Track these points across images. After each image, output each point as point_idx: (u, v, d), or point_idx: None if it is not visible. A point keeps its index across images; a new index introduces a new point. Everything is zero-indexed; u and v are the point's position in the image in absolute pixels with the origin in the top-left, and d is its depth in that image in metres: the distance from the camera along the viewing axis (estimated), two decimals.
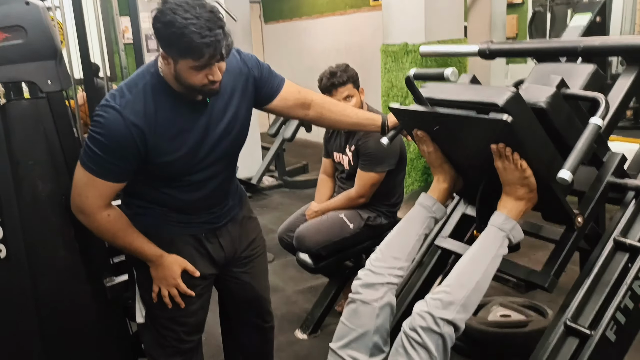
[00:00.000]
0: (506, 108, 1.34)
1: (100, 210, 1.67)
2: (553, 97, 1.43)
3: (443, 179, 1.74)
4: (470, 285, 1.46)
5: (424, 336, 1.41)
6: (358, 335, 1.60)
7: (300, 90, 1.96)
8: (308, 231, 2.80)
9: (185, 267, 1.83)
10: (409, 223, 1.73)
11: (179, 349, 1.94)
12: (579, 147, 1.29)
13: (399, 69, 4.42)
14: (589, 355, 1.38)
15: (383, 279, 1.64)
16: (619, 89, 1.62)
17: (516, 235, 1.53)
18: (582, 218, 1.51)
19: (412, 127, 1.71)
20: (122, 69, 4.88)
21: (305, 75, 8.48)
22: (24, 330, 1.79)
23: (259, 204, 5.49)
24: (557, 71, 1.62)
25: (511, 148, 1.43)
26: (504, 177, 1.50)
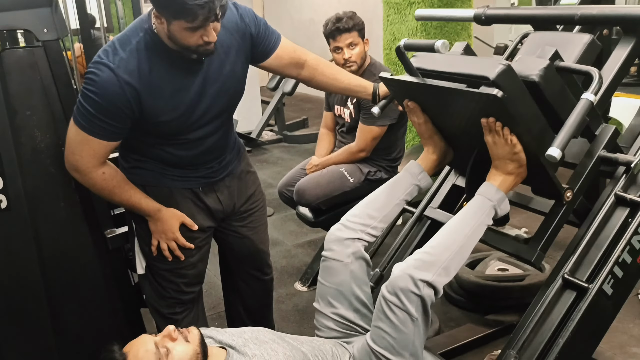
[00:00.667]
0: (497, 82, 1.32)
1: (95, 169, 1.66)
2: (546, 69, 1.40)
3: (432, 150, 1.72)
4: (454, 248, 1.44)
5: (403, 299, 1.38)
6: (337, 293, 1.61)
7: (296, 49, 1.93)
8: (308, 185, 2.80)
9: (183, 221, 1.83)
10: (392, 186, 1.72)
11: (179, 299, 1.97)
12: (569, 123, 1.27)
13: (402, 22, 4.33)
14: (586, 307, 1.41)
15: (354, 234, 1.64)
16: (615, 61, 1.59)
17: (503, 207, 1.51)
18: (571, 193, 1.50)
19: (403, 97, 1.68)
20: (119, 19, 4.79)
21: (305, 26, 8.35)
22: (27, 279, 1.80)
23: (259, 159, 5.49)
24: (553, 41, 1.58)
25: (501, 122, 1.41)
26: (494, 151, 1.48)
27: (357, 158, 2.83)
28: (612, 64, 1.59)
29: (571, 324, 1.40)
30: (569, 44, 1.56)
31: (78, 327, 1.93)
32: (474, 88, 1.38)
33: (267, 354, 1.39)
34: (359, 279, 1.62)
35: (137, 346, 1.33)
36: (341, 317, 1.61)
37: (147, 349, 1.32)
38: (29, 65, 1.72)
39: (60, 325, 1.88)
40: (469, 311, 2.61)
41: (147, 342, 1.33)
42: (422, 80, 1.54)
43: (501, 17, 1.79)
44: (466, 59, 1.57)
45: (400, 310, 1.38)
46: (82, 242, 1.89)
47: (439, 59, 1.54)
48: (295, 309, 2.82)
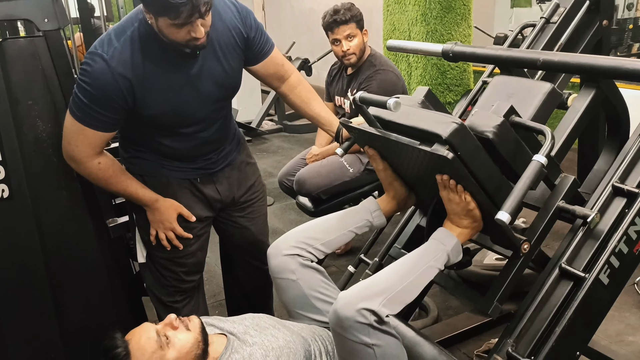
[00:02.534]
0: (450, 140, 1.31)
1: (90, 159, 1.67)
2: (500, 127, 1.39)
3: (393, 195, 1.71)
4: (402, 283, 1.39)
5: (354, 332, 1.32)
6: (300, 304, 1.62)
7: (284, 64, 1.94)
8: (308, 175, 2.82)
9: (180, 212, 1.85)
10: (344, 215, 1.70)
11: (179, 288, 1.98)
12: (519, 187, 1.25)
13: (402, 12, 4.32)
14: (582, 296, 1.42)
15: (293, 250, 1.62)
16: (573, 112, 1.60)
17: (455, 255, 1.49)
18: (528, 245, 1.49)
19: (364, 143, 1.69)
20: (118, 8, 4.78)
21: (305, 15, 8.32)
22: (29, 268, 1.82)
23: (259, 148, 5.49)
24: (516, 87, 1.59)
25: (455, 180, 1.41)
26: (449, 207, 1.47)
27: (357, 148, 2.84)
28: (570, 115, 1.60)
29: (568, 313, 1.42)
30: (530, 92, 1.56)
31: (80, 315, 1.95)
32: (429, 143, 1.37)
33: (268, 340, 1.41)
34: (313, 284, 1.61)
35: (139, 334, 1.35)
36: (317, 322, 1.62)
37: (149, 336, 1.34)
38: (30, 55, 1.73)
39: (63, 313, 1.90)
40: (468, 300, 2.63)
41: (149, 330, 1.35)
42: (380, 132, 1.54)
43: (467, 56, 1.81)
44: (422, 113, 1.54)
45: (354, 343, 1.32)
46: (84, 231, 1.90)
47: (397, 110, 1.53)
48: None
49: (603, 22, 1.92)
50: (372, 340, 1.31)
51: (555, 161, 1.53)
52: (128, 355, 1.32)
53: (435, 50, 1.85)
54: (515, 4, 6.55)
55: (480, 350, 2.17)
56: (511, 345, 1.45)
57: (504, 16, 6.27)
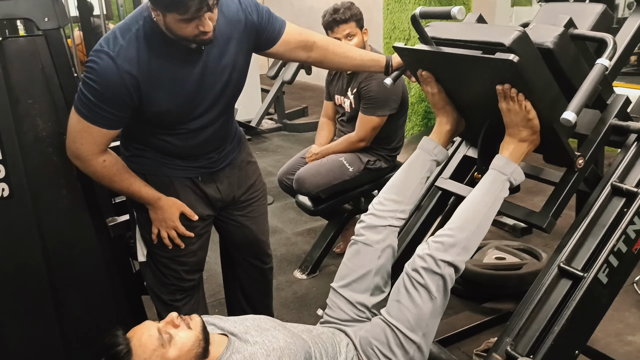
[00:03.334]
0: (513, 48, 1.33)
1: (95, 157, 1.67)
2: (560, 37, 1.41)
3: (446, 120, 1.74)
4: (472, 227, 1.49)
5: (425, 277, 1.46)
6: (359, 276, 1.65)
7: (302, 32, 1.91)
8: (308, 174, 2.82)
9: (182, 210, 1.85)
10: (410, 167, 1.74)
11: (179, 286, 1.99)
12: (585, 88, 1.29)
13: (402, 10, 4.32)
14: (581, 296, 1.42)
15: (385, 221, 1.67)
16: (627, 31, 1.60)
17: (517, 177, 1.54)
18: (583, 160, 1.52)
19: (417, 67, 1.69)
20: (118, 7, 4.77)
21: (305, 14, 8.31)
22: (29, 267, 1.82)
23: (259, 147, 5.49)
24: (566, 11, 1.59)
25: (516, 89, 1.42)
26: (508, 118, 1.49)
27: (356, 147, 2.85)
28: (624, 33, 1.60)
29: (567, 312, 1.42)
30: (581, 14, 1.57)
31: (80, 313, 1.95)
32: (489, 55, 1.39)
33: (269, 340, 1.41)
34: (383, 267, 1.66)
35: (141, 332, 1.35)
36: (355, 300, 1.64)
37: (151, 334, 1.34)
38: (31, 54, 1.73)
39: (63, 311, 1.90)
40: (467, 299, 2.64)
41: (151, 328, 1.35)
42: (437, 49, 1.54)
43: None
44: (480, 26, 1.57)
45: (422, 287, 1.46)
46: (83, 230, 1.90)
47: (452, 28, 1.55)
48: (294, 297, 2.84)
49: None
50: (437, 293, 1.46)
51: (609, 79, 1.53)
52: (130, 352, 1.32)
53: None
54: (515, 2, 6.54)
55: (480, 349, 2.18)
56: (510, 344, 1.45)
57: (505, 15, 6.26)
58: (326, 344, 1.52)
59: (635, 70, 4.87)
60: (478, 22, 1.69)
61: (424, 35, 1.56)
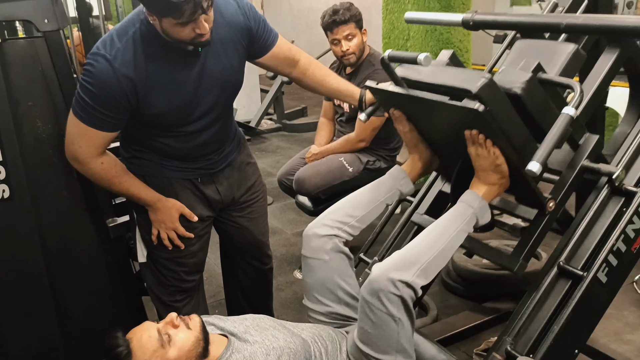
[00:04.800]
0: (479, 95, 1.32)
1: (93, 159, 1.68)
2: (528, 82, 1.40)
3: (418, 158, 1.73)
4: (433, 251, 1.42)
5: (384, 301, 1.37)
6: (322, 289, 1.63)
7: (291, 48, 1.94)
8: (307, 174, 2.82)
9: (182, 212, 1.85)
10: (374, 187, 1.72)
11: (180, 287, 1.99)
12: (549, 138, 1.27)
13: (401, 11, 4.32)
14: (581, 295, 1.43)
15: (331, 231, 1.63)
16: (598, 71, 1.60)
17: (484, 216, 1.51)
18: (553, 202, 1.51)
19: (389, 106, 1.69)
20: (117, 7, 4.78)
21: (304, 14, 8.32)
22: (30, 268, 1.82)
23: (258, 148, 5.50)
24: (538, 50, 1.59)
25: (484, 135, 1.42)
26: (477, 162, 1.48)
27: (356, 148, 2.85)
28: (595, 75, 1.60)
29: (566, 311, 1.43)
30: (554, 53, 1.57)
31: (81, 314, 1.95)
32: (457, 100, 1.38)
33: (268, 340, 1.42)
34: (342, 272, 1.63)
35: (141, 332, 1.36)
36: (331, 312, 1.63)
37: (150, 335, 1.34)
38: (30, 56, 1.73)
39: (64, 313, 1.91)
40: (467, 299, 2.64)
41: (150, 329, 1.36)
42: (407, 91, 1.54)
43: (488, 23, 1.80)
44: (450, 70, 1.56)
45: (382, 312, 1.37)
46: (84, 231, 1.91)
47: (423, 70, 1.53)
48: (294, 297, 2.84)
49: None
50: (399, 314, 1.37)
51: (580, 121, 1.53)
52: (130, 354, 1.32)
53: (454, 20, 1.84)
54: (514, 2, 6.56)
55: (480, 349, 2.18)
56: (510, 344, 1.46)
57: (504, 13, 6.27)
58: (326, 342, 1.52)
59: None
60: (450, 62, 1.67)
61: (394, 77, 1.57)
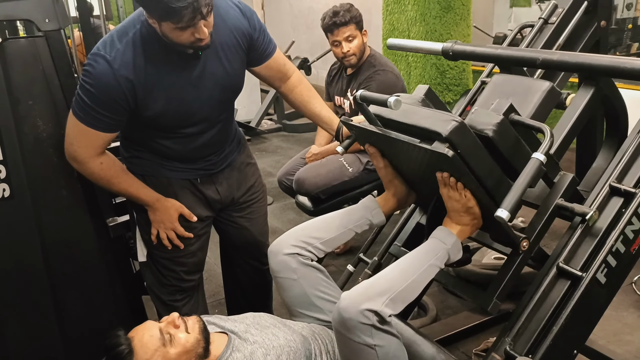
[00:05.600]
0: (450, 138, 1.32)
1: (92, 159, 1.68)
2: (499, 125, 1.40)
3: (393, 192, 1.72)
4: (404, 281, 1.39)
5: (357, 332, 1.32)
6: (300, 303, 1.63)
7: (286, 64, 1.96)
8: (307, 174, 2.82)
9: (181, 212, 1.86)
10: (344, 214, 1.71)
11: (179, 287, 1.99)
12: (519, 184, 1.27)
13: (401, 12, 4.33)
14: (579, 295, 1.43)
15: (293, 249, 1.63)
16: (572, 110, 1.61)
17: (455, 253, 1.50)
18: (527, 242, 1.50)
19: (364, 141, 1.69)
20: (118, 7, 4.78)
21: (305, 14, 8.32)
22: (30, 267, 1.83)
23: (258, 148, 5.50)
24: (515, 86, 1.60)
25: (455, 178, 1.42)
26: (449, 204, 1.48)
27: (356, 148, 2.85)
28: (570, 113, 1.61)
29: (565, 312, 1.43)
30: (528, 91, 1.58)
31: (80, 314, 1.96)
32: (429, 141, 1.38)
33: (268, 338, 1.42)
34: (315, 283, 1.62)
35: (142, 332, 1.36)
36: (317, 320, 1.63)
37: (152, 334, 1.35)
38: (31, 55, 1.73)
39: (63, 312, 1.91)
40: (466, 299, 2.64)
41: (152, 328, 1.36)
42: (380, 130, 1.55)
43: (467, 54, 1.82)
44: (422, 111, 1.54)
45: (357, 344, 1.32)
46: (84, 230, 1.91)
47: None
48: None
49: (601, 23, 1.94)
50: (375, 341, 1.32)
51: (554, 159, 1.54)
52: (131, 352, 1.32)
53: (435, 48, 1.86)
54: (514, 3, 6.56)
55: (479, 349, 2.18)
56: (509, 344, 1.46)
57: (503, 16, 6.28)
58: (326, 340, 1.52)
59: None
60: (426, 97, 1.66)
61: (368, 115, 1.57)
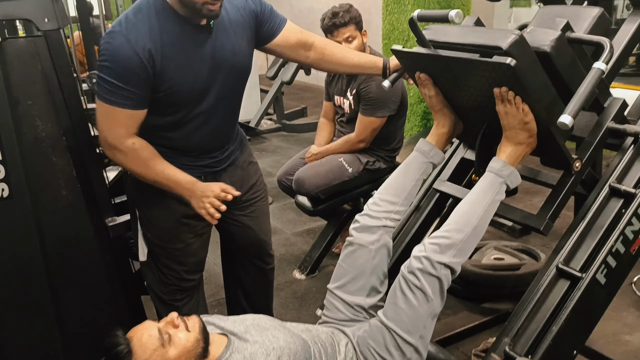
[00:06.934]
0: (510, 51, 1.33)
1: (124, 140, 1.67)
2: (557, 40, 1.41)
3: (443, 123, 1.74)
4: (468, 229, 1.49)
5: (421, 279, 1.46)
6: (354, 276, 1.65)
7: (302, 31, 1.94)
8: (307, 174, 2.82)
9: (222, 187, 1.77)
10: (406, 168, 1.75)
11: (180, 287, 1.99)
12: (581, 91, 1.29)
13: (401, 12, 4.33)
14: (579, 296, 1.43)
15: (379, 222, 1.68)
16: (624, 34, 1.60)
17: (514, 180, 1.54)
18: (580, 163, 1.53)
19: (415, 70, 1.69)
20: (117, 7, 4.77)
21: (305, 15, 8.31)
22: (29, 267, 1.82)
23: (258, 148, 5.50)
24: (563, 14, 1.59)
25: (513, 92, 1.43)
26: (505, 121, 1.50)
27: (356, 148, 2.85)
28: (621, 37, 1.61)
29: (564, 312, 1.43)
30: (578, 17, 1.58)
31: (80, 313, 1.95)
32: (486, 58, 1.40)
33: (268, 340, 1.42)
34: (379, 268, 1.67)
35: (141, 331, 1.36)
36: (351, 301, 1.65)
37: (151, 334, 1.34)
38: (30, 55, 1.73)
39: (63, 312, 1.91)
40: (465, 299, 2.64)
41: (151, 328, 1.36)
42: (435, 52, 1.55)
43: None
44: (478, 30, 1.58)
45: (418, 290, 1.46)
46: (83, 230, 1.91)
47: (450, 31, 1.56)
48: (294, 297, 2.85)
49: None
50: (433, 295, 1.46)
51: (605, 83, 1.55)
52: (130, 352, 1.32)
53: None
54: (514, 3, 6.56)
55: (479, 349, 2.18)
56: (509, 344, 1.46)
57: (503, 15, 6.27)
58: (325, 343, 1.52)
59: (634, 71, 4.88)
60: (476, 25, 1.70)
61: (421, 38, 1.57)
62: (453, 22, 1.41)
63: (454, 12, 1.40)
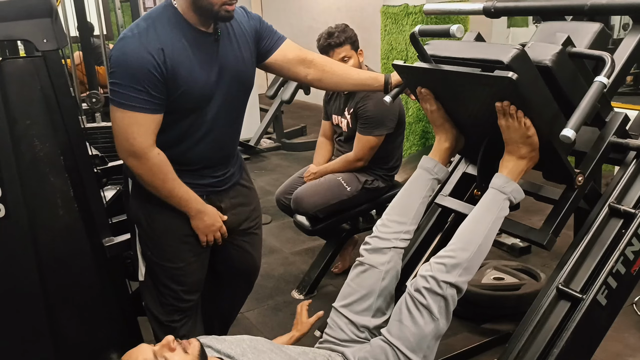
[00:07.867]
0: (511, 65, 1.34)
1: (150, 149, 1.67)
2: (558, 55, 1.42)
3: (445, 138, 1.74)
4: (473, 248, 1.49)
5: (427, 297, 1.45)
6: (362, 296, 1.64)
7: (302, 49, 1.97)
8: (306, 193, 2.82)
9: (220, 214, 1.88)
10: (411, 186, 1.75)
11: (178, 307, 1.97)
12: (583, 105, 1.29)
13: (399, 32, 4.36)
14: (580, 318, 1.41)
15: (389, 243, 1.67)
16: (624, 49, 1.61)
17: (517, 196, 1.54)
18: (582, 177, 1.52)
19: (416, 85, 1.70)
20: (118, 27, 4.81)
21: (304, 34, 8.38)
22: (25, 287, 1.81)
23: (257, 166, 5.50)
24: (563, 30, 1.61)
25: (515, 106, 1.43)
26: (507, 135, 1.50)
27: (354, 167, 2.85)
28: (622, 52, 1.61)
29: (566, 334, 1.41)
30: (579, 33, 1.59)
31: (76, 334, 1.94)
32: (488, 72, 1.40)
33: None
34: (386, 289, 1.66)
35: (136, 355, 1.34)
36: (356, 321, 1.63)
37: (146, 358, 1.32)
38: (29, 75, 1.74)
39: (58, 332, 1.89)
40: (465, 320, 2.62)
41: (146, 352, 1.34)
42: (436, 66, 1.56)
43: (510, 10, 1.82)
44: (479, 44, 1.59)
45: (424, 308, 1.45)
46: (80, 250, 1.90)
47: (451, 46, 1.57)
48: (292, 317, 2.80)
49: None
50: (438, 314, 1.45)
51: (607, 97, 1.55)
52: None
53: (475, 8, 1.86)
54: (512, 23, 6.60)
55: None
56: None
57: (501, 35, 6.31)
58: None
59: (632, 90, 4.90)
60: (476, 40, 1.71)
61: (423, 53, 1.58)
62: (454, 36, 1.42)
63: (455, 26, 1.41)
